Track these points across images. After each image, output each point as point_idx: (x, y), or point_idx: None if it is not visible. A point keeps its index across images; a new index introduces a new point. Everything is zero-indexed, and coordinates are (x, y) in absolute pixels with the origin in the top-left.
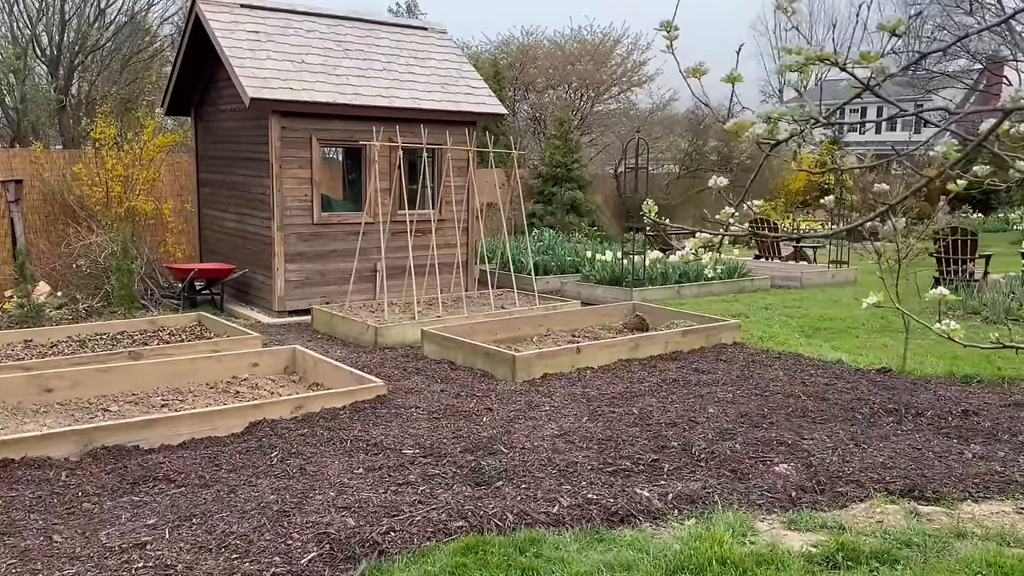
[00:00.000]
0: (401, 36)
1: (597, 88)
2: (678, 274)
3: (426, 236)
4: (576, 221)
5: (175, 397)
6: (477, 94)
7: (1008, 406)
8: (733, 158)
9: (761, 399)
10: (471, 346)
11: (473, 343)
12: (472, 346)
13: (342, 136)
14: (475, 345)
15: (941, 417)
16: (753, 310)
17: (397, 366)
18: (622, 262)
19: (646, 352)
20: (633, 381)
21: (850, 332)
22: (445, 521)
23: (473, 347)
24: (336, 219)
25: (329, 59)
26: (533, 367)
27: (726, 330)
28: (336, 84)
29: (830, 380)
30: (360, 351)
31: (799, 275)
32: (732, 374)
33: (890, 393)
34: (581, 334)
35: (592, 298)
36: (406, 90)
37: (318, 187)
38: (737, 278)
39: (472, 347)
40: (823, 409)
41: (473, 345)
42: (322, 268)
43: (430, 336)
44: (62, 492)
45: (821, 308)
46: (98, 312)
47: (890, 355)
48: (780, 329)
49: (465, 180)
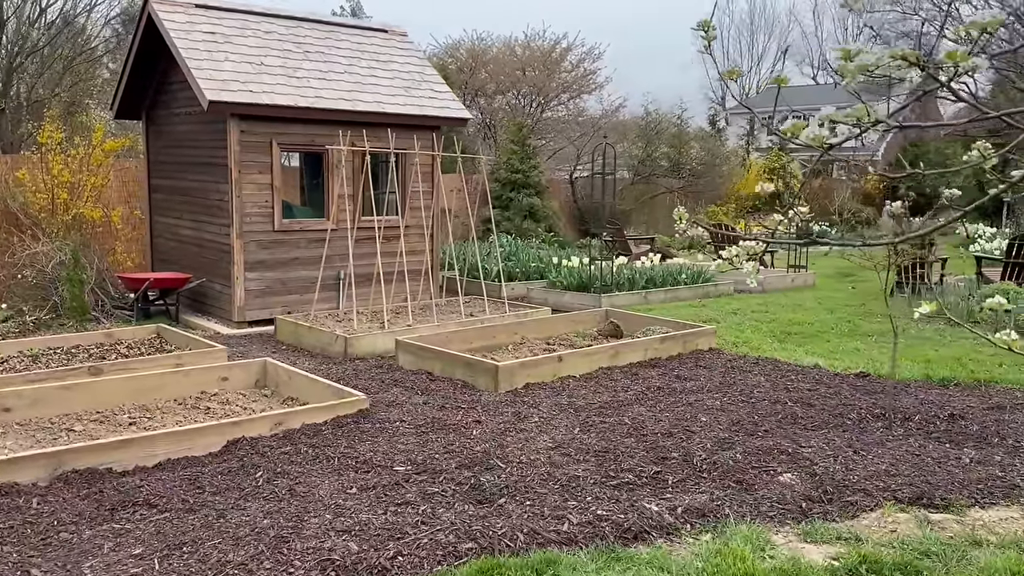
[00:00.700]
0: (362, 38)
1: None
2: (644, 280)
3: (392, 243)
4: (533, 227)
5: (143, 415)
6: (441, 98)
7: (991, 409)
8: (684, 164)
9: (749, 406)
10: (450, 356)
11: (452, 353)
12: (451, 356)
13: (304, 140)
14: (454, 355)
15: (929, 421)
16: (722, 315)
17: (372, 378)
18: (589, 268)
19: (626, 359)
20: (618, 390)
21: (820, 336)
22: (454, 543)
23: (452, 357)
24: (298, 226)
25: (289, 61)
26: (515, 377)
27: (702, 336)
28: (297, 87)
29: (812, 385)
30: (329, 362)
31: (761, 279)
32: (714, 380)
33: (873, 398)
34: (556, 342)
35: (560, 304)
36: (369, 93)
37: (279, 193)
38: (702, 283)
39: (451, 357)
40: (812, 415)
41: (452, 355)
42: (283, 277)
43: (405, 346)
44: (35, 521)
45: (788, 312)
46: (47, 325)
47: (864, 359)
48: (752, 334)
49: (428, 186)
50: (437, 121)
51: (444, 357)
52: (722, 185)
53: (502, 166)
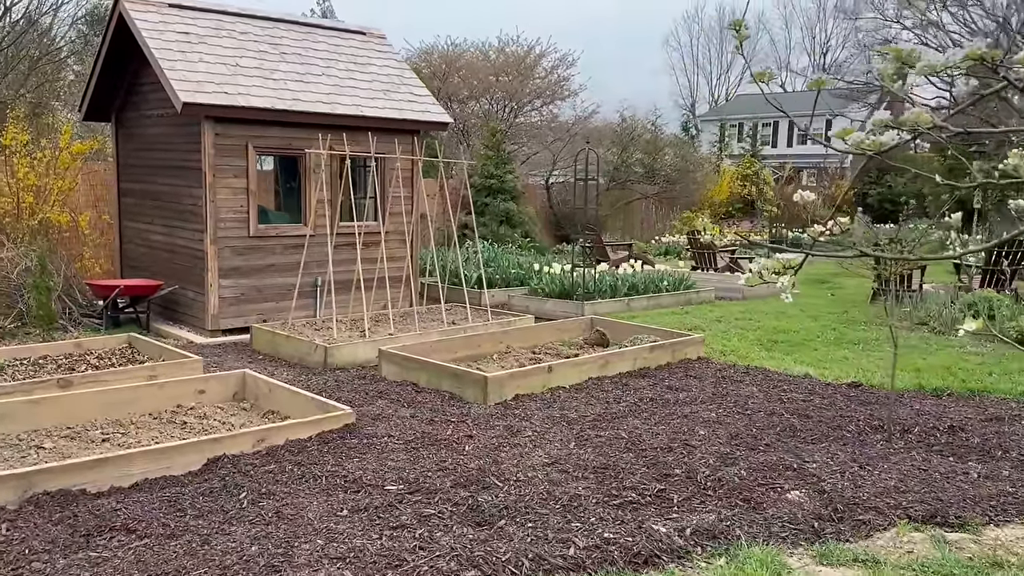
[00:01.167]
0: (339, 40)
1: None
2: (627, 287)
3: (371, 249)
4: (509, 232)
5: (116, 430)
6: (421, 102)
7: (989, 420)
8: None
9: (746, 418)
10: (436, 367)
11: (438, 363)
12: (437, 367)
13: (280, 144)
14: (440, 366)
15: (928, 434)
16: (707, 323)
17: (355, 389)
18: (572, 275)
19: (615, 369)
20: (609, 401)
21: (807, 345)
22: (456, 571)
23: (439, 368)
24: (274, 231)
25: (265, 63)
26: (505, 388)
27: (691, 345)
28: (274, 89)
29: (805, 396)
30: (309, 373)
31: (742, 287)
32: (707, 391)
33: (869, 408)
34: (542, 351)
35: (542, 312)
36: (347, 96)
37: (255, 197)
38: (683, 290)
39: (437, 368)
40: (810, 427)
41: (438, 366)
42: (259, 284)
43: (389, 356)
44: (5, 549)
45: (771, 320)
46: (12, 334)
47: (853, 368)
48: (739, 342)
49: (408, 191)
50: (417, 125)
51: (430, 368)
52: (696, 191)
53: (477, 171)
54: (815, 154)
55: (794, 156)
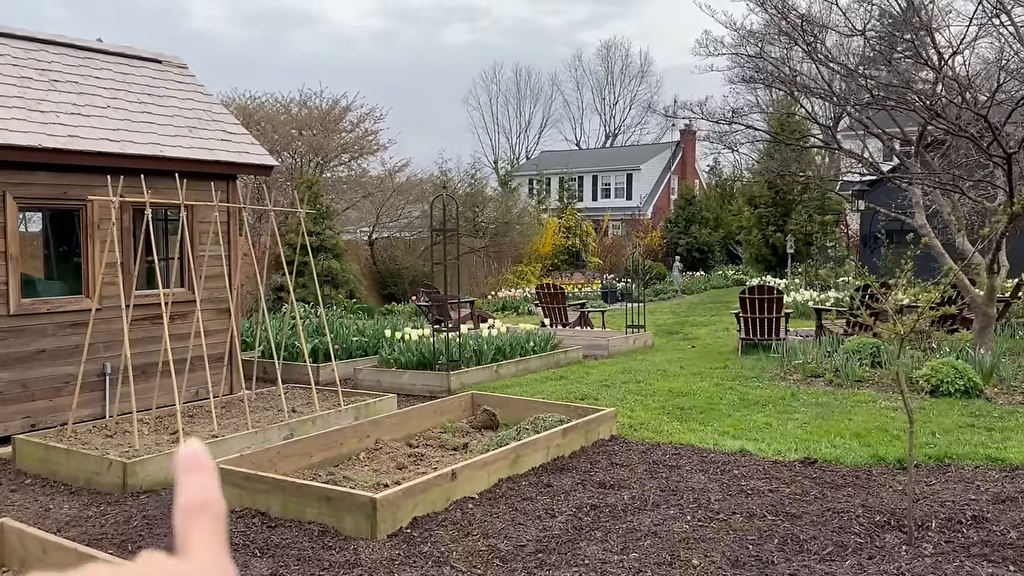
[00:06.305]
0: (128, 68)
1: (326, 155)
2: (493, 351)
3: (179, 322)
4: (333, 293)
5: None
6: (237, 141)
7: (1002, 502)
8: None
9: (726, 528)
10: (296, 487)
11: (298, 482)
12: (298, 487)
13: (52, 193)
14: (302, 485)
15: (952, 529)
16: (593, 388)
17: (172, 531)
18: (432, 340)
19: (527, 464)
20: (540, 515)
21: (716, 410)
22: None
23: (300, 488)
24: (45, 307)
25: (29, 92)
26: (399, 512)
27: (603, 422)
28: (41, 123)
29: (766, 483)
30: (102, 502)
31: (606, 343)
32: (650, 488)
33: (855, 495)
34: (421, 442)
35: (399, 387)
36: (142, 133)
37: (16, 264)
38: (551, 350)
39: (298, 488)
40: (811, 533)
41: (299, 485)
42: (24, 377)
43: (221, 475)
44: None
45: (659, 381)
46: None
47: (785, 438)
48: (643, 412)
49: (225, 248)
50: (234, 168)
51: (287, 488)
52: (523, 244)
53: (293, 228)
54: (619, 207)
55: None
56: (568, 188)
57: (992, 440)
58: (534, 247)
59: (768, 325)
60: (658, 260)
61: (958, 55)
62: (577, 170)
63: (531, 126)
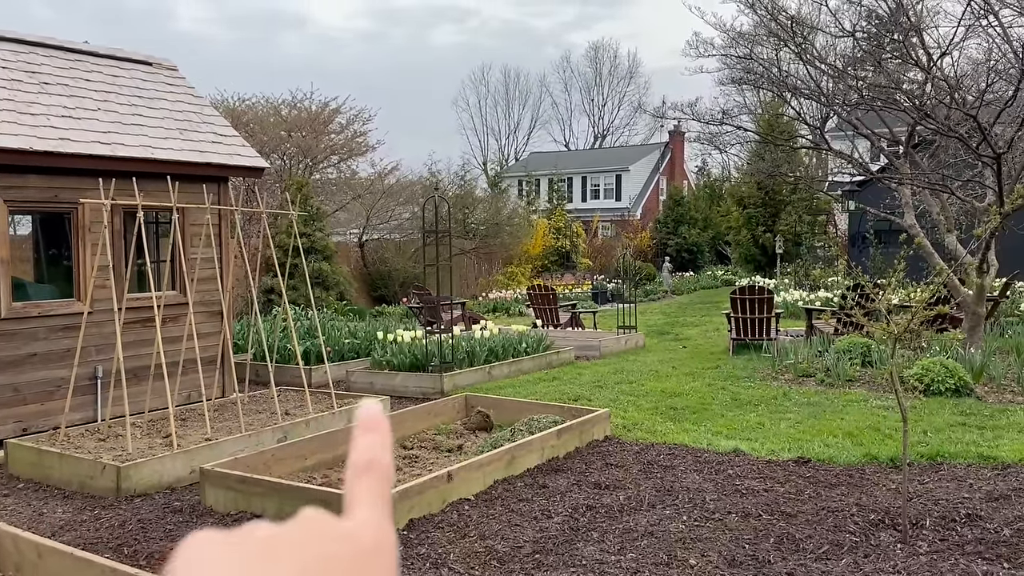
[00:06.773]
0: (118, 71)
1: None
2: (486, 352)
3: (171, 325)
4: (324, 295)
5: None
6: (228, 143)
7: (995, 500)
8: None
9: (722, 528)
10: (292, 490)
11: (295, 485)
12: (294, 490)
13: (43, 196)
14: (299, 488)
15: (946, 527)
16: (586, 389)
17: (171, 534)
18: (425, 342)
19: (523, 465)
20: (537, 517)
21: (709, 410)
22: None
23: (296, 491)
24: (36, 310)
25: (19, 94)
26: (396, 513)
27: (597, 423)
28: (32, 126)
29: (761, 482)
30: (96, 506)
31: (598, 344)
32: (645, 488)
33: (849, 494)
34: (415, 443)
35: (392, 389)
36: (133, 136)
37: (6, 267)
38: (543, 351)
39: (295, 492)
40: (806, 532)
41: (296, 488)
42: (15, 381)
43: (215, 478)
44: None
45: (651, 382)
46: None
47: (779, 437)
48: (636, 413)
49: (217, 250)
50: (225, 171)
51: (283, 492)
52: (513, 245)
53: (283, 229)
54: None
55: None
56: (557, 189)
57: (984, 438)
58: (524, 248)
59: (759, 325)
60: (648, 261)
61: (947, 56)
62: (566, 171)
63: (520, 128)
